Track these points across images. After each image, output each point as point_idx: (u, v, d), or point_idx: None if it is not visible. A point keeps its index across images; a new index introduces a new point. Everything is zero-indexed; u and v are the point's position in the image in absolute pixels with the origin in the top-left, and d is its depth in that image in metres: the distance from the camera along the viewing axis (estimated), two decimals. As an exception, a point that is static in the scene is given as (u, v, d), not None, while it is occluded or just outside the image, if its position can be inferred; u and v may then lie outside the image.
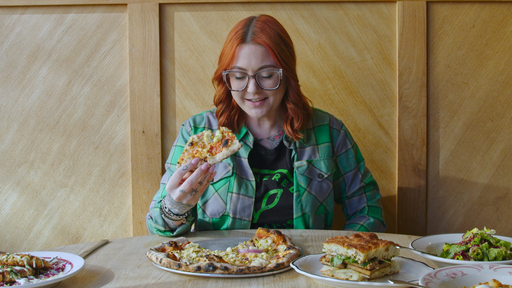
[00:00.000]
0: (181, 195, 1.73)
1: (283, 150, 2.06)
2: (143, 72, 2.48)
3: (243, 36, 1.93)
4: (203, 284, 1.43)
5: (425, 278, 1.26)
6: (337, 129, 2.12)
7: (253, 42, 1.93)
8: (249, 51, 1.92)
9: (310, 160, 2.05)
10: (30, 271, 1.44)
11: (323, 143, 2.09)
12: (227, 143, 1.73)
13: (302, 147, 2.06)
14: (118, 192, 2.53)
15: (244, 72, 1.93)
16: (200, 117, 2.11)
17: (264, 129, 2.09)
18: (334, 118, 2.15)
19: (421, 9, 2.45)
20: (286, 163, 2.05)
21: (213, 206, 2.00)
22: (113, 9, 2.49)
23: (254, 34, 1.93)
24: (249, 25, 1.96)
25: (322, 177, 2.05)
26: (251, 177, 2.00)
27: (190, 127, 2.08)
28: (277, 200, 2.01)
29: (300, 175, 2.02)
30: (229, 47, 1.94)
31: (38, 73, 2.50)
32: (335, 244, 1.42)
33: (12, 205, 2.53)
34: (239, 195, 1.99)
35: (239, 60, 1.92)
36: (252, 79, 1.93)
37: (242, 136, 2.04)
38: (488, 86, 2.49)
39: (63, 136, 2.52)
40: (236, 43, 1.93)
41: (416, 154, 2.49)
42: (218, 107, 2.07)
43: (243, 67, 1.93)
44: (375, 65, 2.49)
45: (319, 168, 2.05)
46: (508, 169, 2.51)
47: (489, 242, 1.50)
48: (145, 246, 1.78)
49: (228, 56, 1.94)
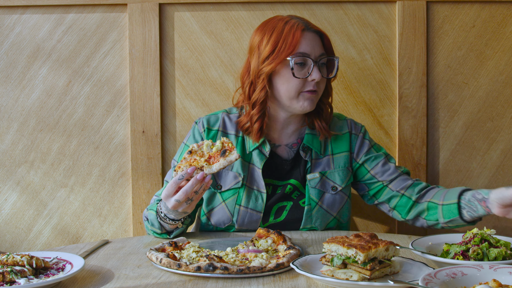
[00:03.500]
0: (177, 204, 1.71)
1: (299, 160, 2.00)
2: (143, 72, 2.48)
3: (303, 23, 1.92)
4: (203, 284, 1.43)
5: (425, 278, 1.27)
6: (356, 134, 2.05)
7: (313, 29, 1.92)
8: (311, 37, 1.91)
9: (323, 172, 1.99)
10: (30, 271, 1.44)
11: (339, 152, 2.02)
12: (225, 153, 1.70)
13: (318, 158, 2.00)
14: (118, 192, 2.54)
15: (307, 58, 1.89)
16: (214, 117, 2.04)
17: (286, 133, 2.02)
18: (354, 124, 2.08)
19: (421, 9, 2.45)
20: (300, 174, 1.99)
21: (219, 216, 1.97)
22: (113, 9, 2.49)
23: (309, 23, 1.94)
24: (295, 17, 1.95)
25: (336, 190, 1.98)
26: (263, 189, 1.95)
27: (203, 127, 2.02)
28: (286, 213, 1.97)
29: (312, 188, 1.96)
30: (289, 34, 1.88)
31: (38, 73, 2.50)
32: (335, 244, 1.42)
33: (12, 205, 2.53)
34: (248, 209, 1.94)
35: (302, 45, 1.89)
36: (315, 66, 1.89)
37: (258, 144, 1.97)
38: (488, 86, 2.49)
39: (63, 136, 2.52)
40: (300, 29, 1.89)
41: (416, 154, 2.49)
42: (253, 111, 1.95)
43: (307, 52, 1.89)
44: (375, 65, 2.49)
45: (332, 180, 1.99)
46: (508, 169, 2.51)
47: (489, 242, 1.50)
48: (145, 246, 1.79)
49: (291, 42, 1.88)
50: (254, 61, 1.94)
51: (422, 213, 1.95)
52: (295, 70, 1.88)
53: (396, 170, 2.02)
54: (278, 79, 1.92)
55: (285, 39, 1.89)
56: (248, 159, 1.99)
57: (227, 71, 2.49)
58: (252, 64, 1.95)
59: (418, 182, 2.00)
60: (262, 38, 1.93)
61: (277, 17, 1.97)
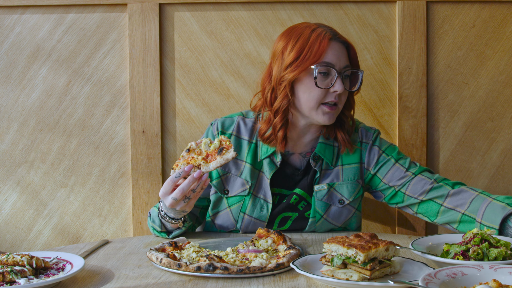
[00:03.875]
0: (174, 202, 1.71)
1: (309, 169, 1.96)
2: (143, 72, 2.48)
3: (331, 32, 1.86)
4: (203, 284, 1.43)
5: (425, 278, 1.26)
6: (366, 143, 1.99)
7: (340, 39, 1.87)
8: (338, 47, 1.86)
9: (331, 183, 1.94)
10: (30, 271, 1.44)
11: (349, 164, 1.96)
12: (222, 151, 1.70)
13: (328, 169, 1.95)
14: (118, 192, 2.54)
15: (331, 68, 1.83)
16: (230, 120, 2.00)
17: (302, 142, 1.97)
18: (365, 132, 2.01)
19: (421, 9, 2.45)
20: (307, 184, 1.95)
21: (223, 221, 1.96)
22: (113, 9, 2.49)
23: (337, 33, 1.88)
24: (323, 25, 1.89)
25: (343, 203, 1.94)
26: (269, 199, 1.92)
27: (217, 130, 1.99)
28: (290, 223, 1.95)
29: (318, 200, 1.93)
30: (315, 42, 1.83)
31: (38, 73, 2.50)
32: (335, 244, 1.42)
33: (12, 205, 2.53)
34: (252, 218, 1.93)
35: (328, 55, 1.83)
36: (339, 78, 1.83)
37: (270, 153, 1.93)
38: (488, 86, 2.49)
39: (63, 136, 2.52)
40: (327, 38, 1.83)
41: (416, 154, 2.49)
42: (276, 119, 1.89)
43: (332, 62, 1.83)
44: (375, 65, 2.49)
45: (340, 192, 1.94)
46: (508, 169, 2.51)
47: (489, 242, 1.50)
48: (145, 246, 1.79)
49: (317, 50, 1.82)
50: (276, 67, 1.89)
51: (453, 223, 1.84)
52: (318, 80, 1.83)
53: (406, 172, 1.93)
54: (300, 87, 1.87)
55: (311, 46, 1.83)
56: (259, 167, 1.96)
57: (227, 71, 2.49)
58: (275, 70, 1.90)
59: (438, 186, 1.88)
60: (287, 44, 1.88)
61: (303, 24, 1.92)
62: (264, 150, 1.95)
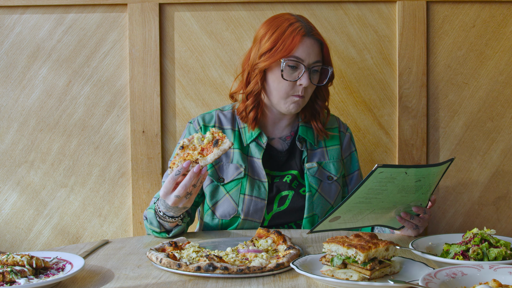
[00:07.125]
0: (177, 200, 1.72)
1: (294, 151, 2.07)
2: (143, 72, 2.48)
3: (305, 29, 1.95)
4: (203, 284, 1.43)
5: (425, 278, 1.26)
6: (344, 132, 2.15)
7: (314, 36, 1.96)
8: (310, 44, 1.95)
9: (320, 162, 2.06)
10: (30, 271, 1.44)
11: (332, 145, 2.10)
12: (218, 142, 1.72)
13: (313, 149, 2.07)
14: (118, 192, 2.54)
15: (300, 63, 1.94)
16: (209, 115, 2.09)
17: (279, 127, 2.09)
18: (341, 122, 2.18)
19: (421, 9, 2.45)
20: (296, 165, 2.05)
21: (224, 208, 1.99)
22: (113, 9, 2.49)
23: (312, 29, 1.97)
24: (302, 20, 1.98)
25: (331, 179, 2.06)
26: (264, 178, 2.00)
27: (198, 125, 2.06)
28: (289, 202, 2.01)
29: (311, 176, 2.03)
30: (289, 37, 1.93)
31: (38, 73, 2.50)
32: (335, 244, 1.42)
33: (12, 205, 2.53)
34: (252, 197, 1.98)
35: (299, 51, 1.93)
36: (306, 72, 1.94)
37: (255, 136, 2.03)
38: (488, 86, 2.49)
39: (63, 136, 2.52)
40: (301, 34, 1.93)
41: (416, 154, 2.49)
42: (248, 101, 2.03)
43: (302, 57, 1.93)
44: (375, 65, 2.49)
45: (328, 170, 2.06)
46: (508, 169, 2.51)
47: (489, 242, 1.50)
48: (145, 246, 1.79)
49: (289, 45, 1.93)
50: (253, 53, 2.01)
51: None
52: (284, 72, 1.94)
53: None
54: (271, 76, 1.98)
55: (285, 40, 1.94)
56: (246, 151, 2.04)
57: (227, 71, 2.49)
58: (252, 55, 2.02)
59: None
60: (266, 33, 1.99)
61: (284, 16, 2.01)
62: (249, 135, 2.04)
